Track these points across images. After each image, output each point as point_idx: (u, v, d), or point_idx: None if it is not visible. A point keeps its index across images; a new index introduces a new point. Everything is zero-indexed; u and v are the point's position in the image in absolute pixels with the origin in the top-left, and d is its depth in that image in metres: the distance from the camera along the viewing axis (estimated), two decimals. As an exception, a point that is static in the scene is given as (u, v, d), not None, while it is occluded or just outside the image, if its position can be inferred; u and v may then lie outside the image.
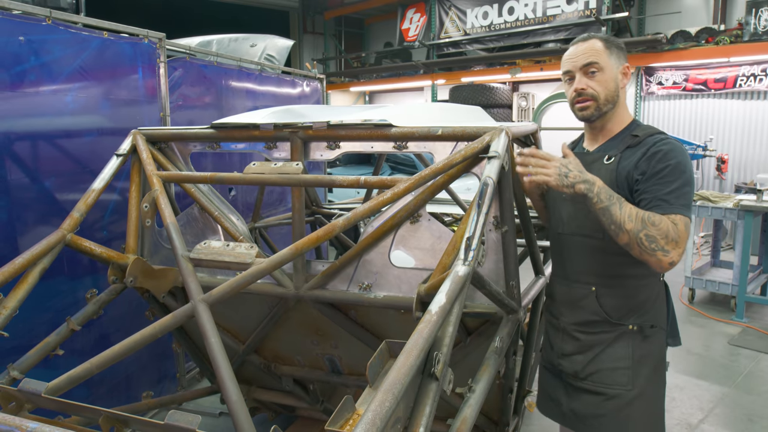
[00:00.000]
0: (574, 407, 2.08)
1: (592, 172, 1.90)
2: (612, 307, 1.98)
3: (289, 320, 2.56)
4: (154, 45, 3.50)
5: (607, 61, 1.92)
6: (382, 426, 1.15)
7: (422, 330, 1.40)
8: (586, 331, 2.03)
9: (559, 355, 2.12)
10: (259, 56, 5.67)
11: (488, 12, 11.66)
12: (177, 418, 1.33)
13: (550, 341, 2.18)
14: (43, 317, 2.83)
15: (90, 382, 3.02)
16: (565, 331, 2.09)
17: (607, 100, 1.94)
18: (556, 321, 2.14)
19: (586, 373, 2.03)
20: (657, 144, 1.86)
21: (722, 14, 9.97)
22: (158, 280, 2.45)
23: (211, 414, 3.46)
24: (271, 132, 2.38)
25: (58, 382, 1.78)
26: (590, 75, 1.93)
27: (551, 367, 2.18)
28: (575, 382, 2.07)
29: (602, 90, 1.93)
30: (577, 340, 2.05)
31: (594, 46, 1.93)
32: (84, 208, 2.34)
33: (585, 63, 1.93)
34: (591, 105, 1.95)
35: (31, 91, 2.80)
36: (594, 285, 2.00)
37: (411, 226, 2.19)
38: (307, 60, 15.23)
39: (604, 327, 1.99)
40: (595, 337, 2.01)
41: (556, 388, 2.16)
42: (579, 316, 2.04)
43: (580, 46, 1.97)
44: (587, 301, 2.01)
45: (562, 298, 2.11)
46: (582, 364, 2.04)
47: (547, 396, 2.24)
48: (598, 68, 1.92)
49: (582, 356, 2.04)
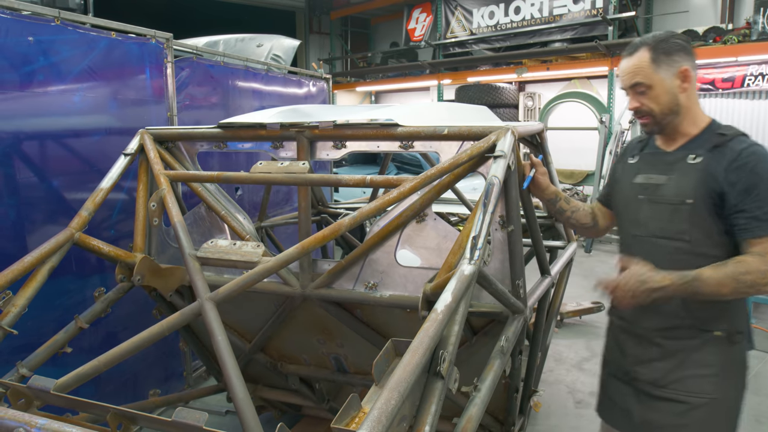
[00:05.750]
0: (651, 418, 1.96)
1: (673, 172, 1.88)
2: (699, 311, 1.86)
3: (295, 319, 2.57)
4: (162, 45, 3.52)
5: (653, 77, 1.84)
6: (387, 424, 1.15)
7: (428, 329, 1.40)
8: (670, 337, 1.92)
9: (635, 362, 2.00)
10: (265, 56, 5.67)
11: (494, 12, 11.64)
12: (184, 415, 1.34)
13: (621, 348, 2.07)
14: (51, 315, 2.85)
15: (98, 380, 3.03)
16: (643, 337, 1.98)
17: (665, 113, 1.87)
18: (630, 326, 2.03)
19: (668, 380, 1.92)
20: (745, 152, 1.78)
21: (730, 13, 9.93)
22: (165, 279, 2.46)
23: (217, 412, 3.47)
24: (278, 131, 2.39)
25: (67, 380, 1.79)
26: (640, 93, 1.88)
27: (622, 375, 2.06)
28: (653, 391, 1.95)
29: (655, 105, 1.86)
30: (658, 346, 1.94)
31: (640, 62, 1.85)
32: (92, 206, 2.36)
33: (631, 84, 1.88)
34: (649, 121, 1.91)
35: (39, 90, 2.82)
36: None
37: (417, 225, 2.19)
38: (314, 60, 15.24)
39: (690, 332, 1.89)
40: (680, 342, 1.91)
41: (627, 397, 2.04)
42: (661, 321, 1.93)
43: (627, 62, 1.89)
44: (671, 307, 1.89)
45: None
46: (663, 372, 1.93)
47: (614, 406, 2.11)
48: (645, 87, 1.85)
49: (663, 363, 1.93)
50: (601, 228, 2.30)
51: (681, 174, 1.86)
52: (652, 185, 1.95)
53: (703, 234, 1.82)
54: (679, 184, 1.87)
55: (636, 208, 1.99)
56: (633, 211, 2.01)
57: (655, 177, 1.94)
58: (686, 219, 1.84)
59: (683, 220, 1.85)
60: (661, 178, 1.92)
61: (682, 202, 1.85)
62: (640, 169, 2.02)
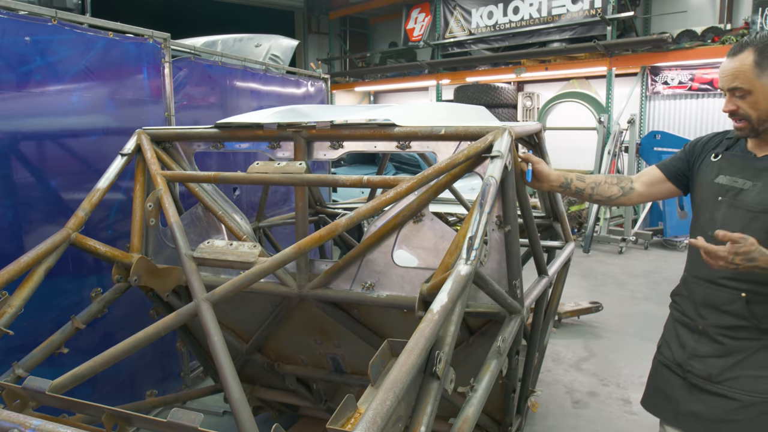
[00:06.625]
0: (697, 410, 1.98)
1: (760, 179, 1.84)
2: (763, 314, 1.86)
3: (292, 319, 2.57)
4: (159, 45, 3.52)
5: (755, 82, 1.76)
6: (383, 424, 1.15)
7: (424, 329, 1.40)
8: (732, 336, 1.92)
9: (691, 356, 2.02)
10: (263, 56, 5.67)
11: (493, 12, 11.65)
12: (179, 416, 1.34)
13: (681, 341, 2.08)
14: (48, 316, 2.85)
15: (94, 381, 3.03)
16: (705, 334, 1.98)
17: (762, 120, 1.81)
18: (693, 322, 2.03)
19: (724, 377, 1.93)
20: None
21: (728, 13, 9.94)
22: (162, 279, 2.46)
23: (215, 413, 3.47)
24: (275, 132, 2.39)
25: (63, 380, 1.79)
26: (739, 97, 1.81)
27: (676, 366, 2.08)
28: (705, 385, 1.97)
29: (753, 111, 1.80)
30: (719, 343, 1.95)
31: (742, 65, 1.78)
32: (89, 207, 2.35)
33: (730, 87, 1.82)
34: (745, 126, 1.85)
35: (36, 91, 2.82)
36: (745, 291, 1.87)
37: (414, 225, 2.19)
38: (312, 60, 15.24)
39: (753, 333, 1.89)
40: (741, 343, 1.91)
41: (676, 388, 2.07)
42: (724, 320, 1.93)
43: (729, 62, 1.82)
44: (735, 307, 1.89)
45: (703, 300, 1.99)
46: (719, 368, 1.94)
47: (660, 394, 2.14)
48: (745, 92, 1.79)
49: (721, 360, 1.94)
50: (635, 196, 2.22)
51: (767, 182, 1.83)
52: (735, 189, 1.90)
53: None
54: (763, 193, 1.84)
55: (714, 208, 1.95)
56: (710, 211, 1.97)
57: (740, 181, 1.90)
58: (764, 228, 1.81)
59: (761, 228, 1.81)
60: (746, 183, 1.88)
61: (763, 211, 1.82)
62: (723, 169, 1.96)
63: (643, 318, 5.45)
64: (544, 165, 2.25)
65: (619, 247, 8.41)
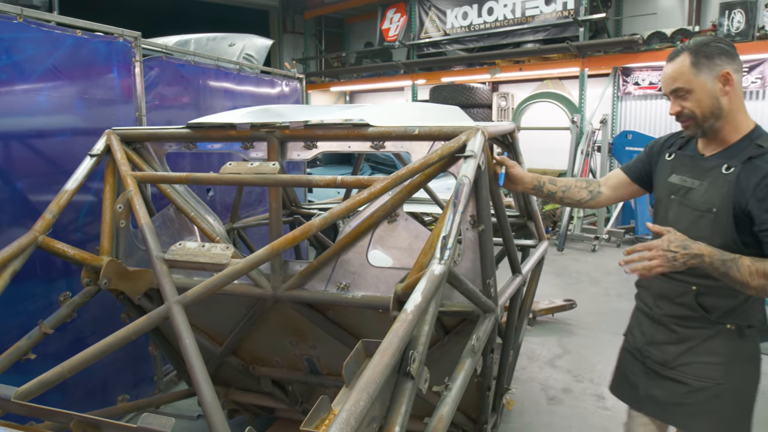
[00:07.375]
0: (655, 393, 2.12)
1: (706, 178, 1.92)
2: (712, 306, 1.97)
3: (266, 321, 2.55)
4: (130, 44, 3.45)
5: (694, 81, 1.87)
6: (356, 425, 1.15)
7: (398, 329, 1.40)
8: (684, 325, 2.04)
9: (649, 343, 2.15)
10: (237, 56, 5.62)
11: (468, 12, 11.72)
12: (150, 421, 1.32)
13: (642, 329, 2.20)
14: (14, 321, 2.78)
15: (65, 387, 2.96)
16: (660, 322, 2.11)
17: (706, 117, 1.89)
18: (651, 312, 2.15)
19: (677, 363, 2.05)
20: None
21: (697, 16, 10.16)
22: (133, 282, 2.42)
23: (189, 417, 3.43)
24: (248, 132, 2.36)
25: (29, 387, 1.75)
26: (681, 98, 1.91)
27: (636, 352, 2.21)
28: (661, 370, 2.10)
29: (696, 108, 1.89)
30: (673, 332, 2.07)
31: (681, 67, 1.89)
32: (56, 209, 2.30)
33: (672, 89, 1.92)
34: (690, 124, 1.93)
35: (2, 90, 2.75)
36: (695, 285, 1.98)
37: (388, 225, 2.19)
38: (287, 60, 15.16)
39: (702, 323, 2.00)
40: (693, 331, 2.03)
41: (637, 374, 2.20)
42: (677, 310, 2.05)
43: (668, 68, 1.93)
44: (686, 299, 2.01)
45: (659, 291, 2.11)
46: (673, 355, 2.06)
47: (624, 379, 2.28)
48: (686, 91, 1.89)
49: (675, 347, 2.06)
50: (603, 199, 2.35)
51: (712, 182, 1.90)
52: (684, 188, 2.00)
53: (722, 244, 1.85)
54: (708, 192, 1.91)
55: (667, 206, 2.06)
56: (664, 209, 2.08)
57: (689, 180, 2.00)
58: (708, 227, 1.90)
59: (705, 227, 1.89)
60: (694, 183, 1.97)
61: (708, 210, 1.90)
62: (675, 168, 2.07)
63: (616, 314, 5.54)
64: (518, 168, 2.31)
65: (593, 245, 8.53)
